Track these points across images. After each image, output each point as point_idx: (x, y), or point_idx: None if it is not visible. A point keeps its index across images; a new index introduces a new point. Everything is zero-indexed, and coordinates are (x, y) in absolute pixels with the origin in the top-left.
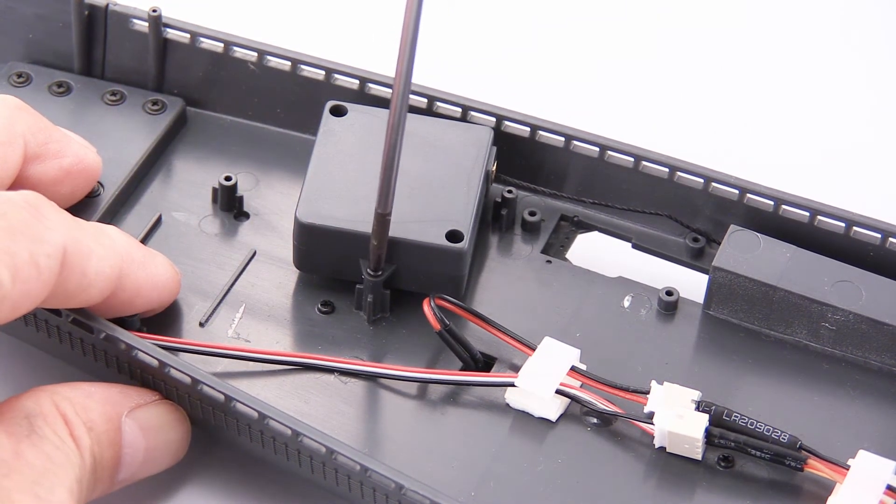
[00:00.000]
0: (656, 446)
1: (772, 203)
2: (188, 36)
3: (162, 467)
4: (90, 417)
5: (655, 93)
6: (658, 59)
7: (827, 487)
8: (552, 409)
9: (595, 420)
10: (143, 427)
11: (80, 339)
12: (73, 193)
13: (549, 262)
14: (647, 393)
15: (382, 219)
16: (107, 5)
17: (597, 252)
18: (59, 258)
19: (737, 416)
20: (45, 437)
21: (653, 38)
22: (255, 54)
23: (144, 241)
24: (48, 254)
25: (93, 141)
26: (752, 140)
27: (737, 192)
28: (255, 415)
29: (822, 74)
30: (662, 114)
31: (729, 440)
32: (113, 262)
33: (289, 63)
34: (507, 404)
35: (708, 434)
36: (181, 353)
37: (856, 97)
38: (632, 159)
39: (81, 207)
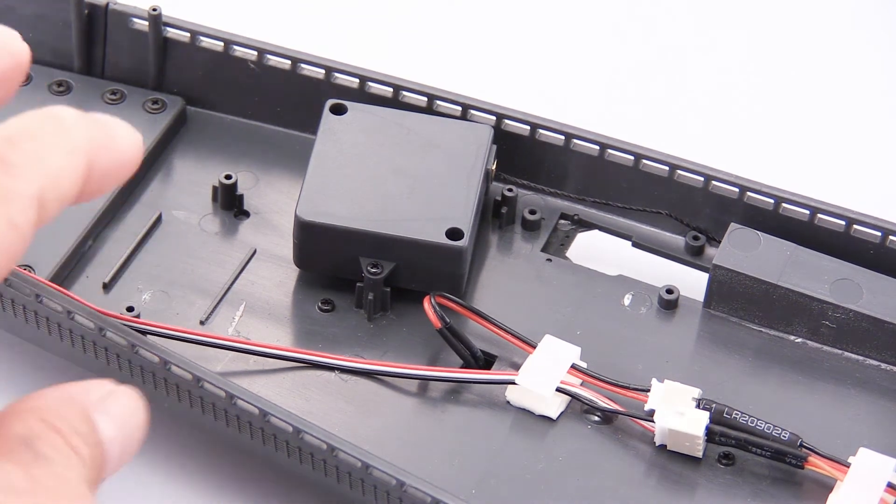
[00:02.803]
0: (657, 444)
1: (772, 201)
2: (188, 35)
3: (132, 456)
4: (72, 423)
5: (655, 91)
6: (658, 57)
7: (828, 485)
8: (553, 407)
9: (595, 418)
10: (113, 418)
11: (81, 337)
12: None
13: (549, 260)
14: (648, 391)
15: None
16: (107, 4)
17: (597, 250)
18: (34, 207)
19: (737, 414)
20: (50, 458)
21: (653, 36)
22: (255, 53)
23: (144, 240)
24: (22, 209)
25: None
26: (751, 138)
27: (737, 190)
28: (257, 412)
29: (822, 72)
30: (662, 112)
31: (730, 438)
32: (81, 166)
33: (289, 62)
34: (508, 402)
35: (709, 432)
36: (183, 344)
37: (856, 95)
38: (632, 158)
39: (80, 208)
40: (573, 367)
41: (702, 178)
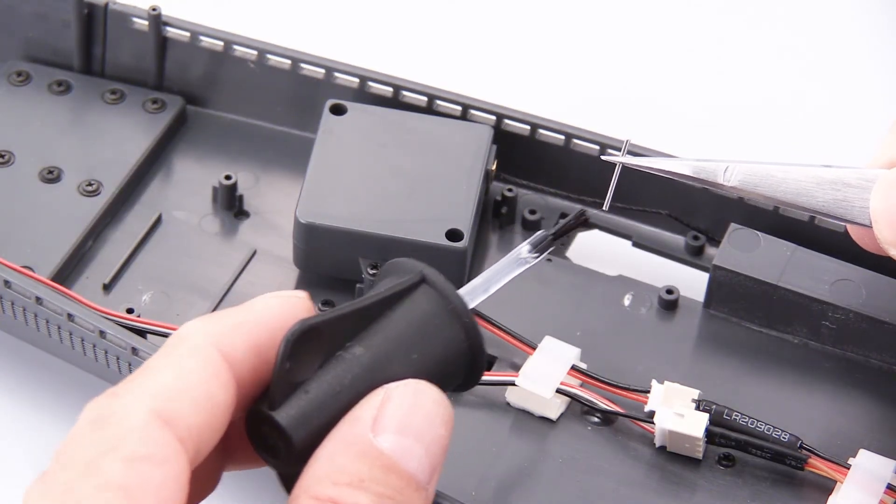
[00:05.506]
0: (657, 445)
1: None
2: (188, 34)
3: (447, 436)
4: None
5: (655, 91)
6: (658, 57)
7: (827, 487)
8: (553, 408)
9: (596, 419)
10: (399, 427)
11: (81, 339)
12: None
13: (549, 260)
14: (648, 392)
15: None
16: (106, 4)
17: (597, 250)
18: None
19: (737, 416)
20: None
21: (653, 36)
22: (255, 53)
23: (144, 240)
24: None
25: (93, 139)
26: (751, 138)
27: None
28: None
29: (820, 73)
30: (662, 112)
31: (729, 439)
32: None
33: (289, 61)
34: (508, 403)
35: (708, 433)
36: None
37: (855, 95)
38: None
39: (80, 208)
40: (573, 368)
41: None
